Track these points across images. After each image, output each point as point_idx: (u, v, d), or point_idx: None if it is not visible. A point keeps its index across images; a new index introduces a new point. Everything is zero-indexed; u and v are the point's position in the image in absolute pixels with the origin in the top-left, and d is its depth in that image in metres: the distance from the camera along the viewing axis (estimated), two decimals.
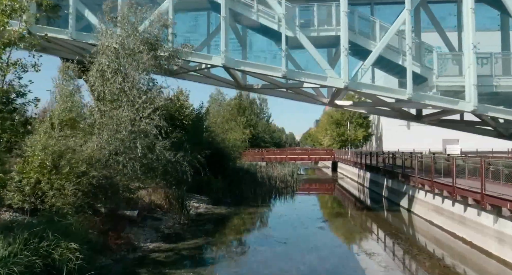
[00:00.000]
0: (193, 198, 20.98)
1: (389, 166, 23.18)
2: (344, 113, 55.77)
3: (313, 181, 40.34)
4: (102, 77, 13.29)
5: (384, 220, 17.96)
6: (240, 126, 42.72)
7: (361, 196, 27.49)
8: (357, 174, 33.68)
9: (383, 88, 15.83)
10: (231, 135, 38.13)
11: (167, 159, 14.46)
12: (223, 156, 29.06)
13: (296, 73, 15.62)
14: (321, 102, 20.89)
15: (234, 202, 21.84)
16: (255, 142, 66.36)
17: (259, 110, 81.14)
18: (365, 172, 30.09)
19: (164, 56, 14.21)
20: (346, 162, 40.85)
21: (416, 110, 20.99)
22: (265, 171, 32.64)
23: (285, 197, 25.71)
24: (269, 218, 17.31)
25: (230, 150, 34.07)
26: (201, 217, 17.34)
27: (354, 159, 34.74)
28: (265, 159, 49.59)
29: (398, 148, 46.05)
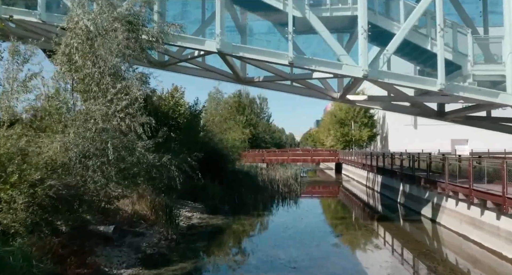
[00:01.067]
0: (186, 206, 18.48)
1: (407, 169, 20.70)
2: (348, 112, 53.31)
3: (317, 184, 37.83)
4: (69, 62, 10.79)
5: (408, 233, 15.42)
6: (240, 126, 40.26)
7: (372, 202, 24.98)
8: (366, 177, 31.19)
9: (411, 78, 13.31)
10: (230, 135, 35.70)
11: (151, 163, 11.99)
12: (220, 157, 26.60)
13: (305, 60, 13.11)
14: (330, 97, 18.41)
15: (233, 210, 19.36)
16: (255, 143, 63.88)
17: (259, 109, 78.75)
18: (375, 175, 27.60)
19: (147, 38, 11.70)
20: (352, 164, 38.37)
21: (437, 105, 18.53)
22: (266, 174, 30.12)
23: (289, 203, 23.21)
24: (272, 232, 14.83)
25: (229, 151, 31.64)
26: (193, 230, 14.83)
27: (362, 161, 32.24)
28: (265, 161, 47.09)
29: (406, 148, 43.66)
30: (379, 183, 26.38)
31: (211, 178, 23.12)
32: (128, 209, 14.49)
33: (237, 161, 36.97)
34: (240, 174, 28.91)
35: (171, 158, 12.62)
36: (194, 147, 22.42)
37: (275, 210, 20.36)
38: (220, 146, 28.85)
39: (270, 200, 23.42)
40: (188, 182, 21.20)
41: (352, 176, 38.70)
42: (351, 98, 18.13)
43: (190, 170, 13.29)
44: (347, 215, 20.25)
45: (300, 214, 18.89)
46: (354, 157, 38.77)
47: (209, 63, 18.06)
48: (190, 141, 22.05)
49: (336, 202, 26.33)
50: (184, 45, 13.79)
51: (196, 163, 13.75)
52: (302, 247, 12.18)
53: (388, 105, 18.86)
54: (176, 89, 26.24)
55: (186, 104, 25.35)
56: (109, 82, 10.44)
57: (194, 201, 19.72)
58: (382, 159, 25.59)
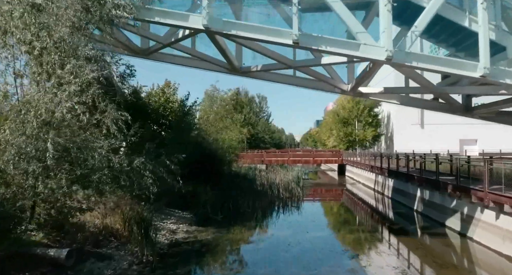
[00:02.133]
0: (172, 216, 15.90)
1: (427, 173, 18.13)
2: (352, 111, 50.82)
3: (320, 187, 35.24)
4: (4, 34, 8.22)
5: (437, 253, 12.79)
6: (237, 125, 37.65)
7: (384, 209, 22.40)
8: (374, 180, 28.61)
9: (447, 62, 10.70)
10: (227, 135, 33.10)
11: (119, 168, 9.45)
12: (215, 159, 24.02)
13: (314, 39, 10.51)
14: (339, 90, 15.83)
15: (227, 220, 16.77)
16: (254, 143, 61.30)
17: (258, 108, 76.25)
18: (385, 178, 25.01)
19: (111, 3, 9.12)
20: (358, 166, 35.78)
21: (464, 99, 15.98)
22: (265, 177, 27.54)
23: (291, 210, 20.64)
24: (272, 251, 12.22)
25: (225, 152, 29.06)
26: (176, 248, 12.23)
27: (370, 162, 29.65)
28: (265, 162, 44.51)
29: (413, 149, 41.20)
30: (391, 188, 23.79)
31: (204, 182, 20.60)
32: (99, 222, 11.94)
33: (234, 162, 34.43)
34: (236, 177, 26.34)
35: (144, 162, 10.07)
36: (184, 148, 19.89)
37: (276, 220, 17.77)
38: (215, 146, 26.29)
39: (270, 207, 20.83)
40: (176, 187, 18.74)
41: (358, 178, 36.11)
42: (364, 91, 15.56)
43: (168, 176, 10.76)
44: (358, 226, 17.64)
45: (305, 226, 16.30)
46: (359, 158, 36.19)
47: (199, 48, 15.52)
48: (181, 141, 19.51)
49: (343, 209, 23.74)
50: (163, 22, 11.19)
51: (177, 167, 11.17)
52: (311, 274, 9.59)
53: (406, 99, 16.29)
54: (168, 85, 23.78)
55: (178, 101, 22.91)
56: (56, 61, 7.84)
57: (182, 210, 17.15)
58: (395, 161, 22.97)
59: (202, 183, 20.51)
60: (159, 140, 18.10)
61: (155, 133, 19.32)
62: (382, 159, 25.44)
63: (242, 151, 46.41)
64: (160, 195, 16.69)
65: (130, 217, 12.20)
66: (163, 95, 22.40)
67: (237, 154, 33.90)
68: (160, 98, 22.05)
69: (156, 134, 19.21)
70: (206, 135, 26.78)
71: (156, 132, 19.73)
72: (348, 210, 22.99)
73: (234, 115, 38.39)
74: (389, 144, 53.64)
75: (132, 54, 16.46)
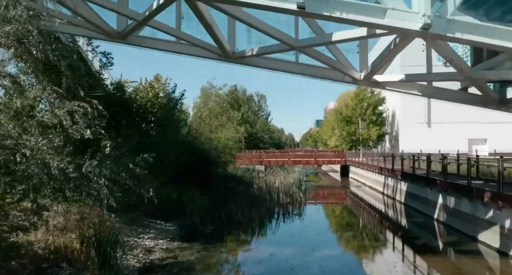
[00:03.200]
0: (151, 229, 13.36)
1: (453, 177, 15.63)
2: (355, 109, 48.32)
3: (323, 190, 32.69)
4: None
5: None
6: (234, 123, 35.08)
7: (397, 217, 19.87)
8: (383, 183, 26.07)
9: (503, 32, 8.08)
10: (222, 133, 30.60)
11: (59, 174, 6.93)
12: (207, 161, 21.53)
13: (324, 4, 7.94)
14: (350, 78, 13.27)
15: (217, 233, 14.25)
16: (252, 143, 58.79)
17: (257, 107, 73.78)
18: (397, 181, 22.46)
19: None
20: (363, 167, 33.25)
21: (498, 89, 13.43)
22: (264, 180, 25.03)
23: (292, 218, 18.11)
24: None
25: (219, 153, 26.55)
26: (149, 274, 9.68)
27: (379, 164, 27.09)
28: (263, 163, 42.05)
29: (421, 149, 38.80)
30: (404, 192, 21.25)
31: (195, 187, 18.10)
32: (51, 242, 9.39)
33: (231, 164, 31.94)
34: (232, 180, 23.83)
35: (99, 166, 7.54)
36: (170, 149, 17.40)
37: (275, 232, 15.20)
38: (208, 146, 23.79)
39: (269, 215, 18.27)
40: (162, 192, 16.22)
41: (363, 180, 33.58)
42: (381, 79, 13.02)
43: (133, 182, 8.25)
44: (373, 241, 15.04)
45: (309, 240, 13.74)
46: (365, 159, 33.65)
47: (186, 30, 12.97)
48: (165, 140, 16.99)
49: (350, 216, 21.18)
50: None
51: (144, 171, 8.65)
52: None
53: (429, 90, 13.73)
54: (158, 79, 21.31)
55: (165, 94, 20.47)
56: None
57: (166, 220, 14.63)
58: (411, 162, 20.40)
59: (192, 187, 18.03)
60: (137, 139, 15.60)
61: (140, 131, 16.83)
62: (394, 160, 22.85)
63: (239, 151, 43.92)
64: (139, 204, 14.20)
65: (90, 235, 9.64)
66: (152, 90, 20.03)
67: (233, 154, 31.42)
68: (148, 93, 19.70)
69: (142, 132, 16.73)
70: (199, 134, 24.31)
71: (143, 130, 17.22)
72: (356, 218, 20.44)
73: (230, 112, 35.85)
74: (394, 144, 51.15)
75: (108, 39, 14.00)
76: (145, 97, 19.02)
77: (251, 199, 19.65)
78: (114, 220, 11.71)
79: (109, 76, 19.67)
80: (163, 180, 17.79)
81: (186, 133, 21.69)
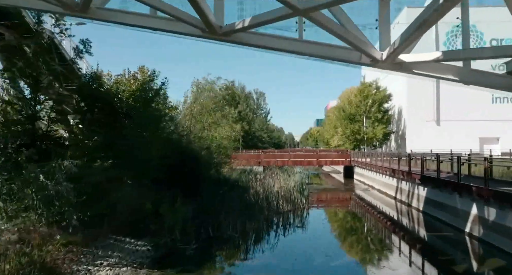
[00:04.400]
0: (115, 251, 10.46)
1: (495, 183, 12.75)
2: (359, 106, 45.49)
3: (327, 194, 29.83)
4: None
5: None
6: (229, 120, 32.16)
7: (417, 228, 17.02)
8: (395, 187, 23.20)
9: None
10: (216, 132, 27.75)
11: None
12: (197, 162, 18.68)
13: None
14: (369, 59, 10.39)
15: (201, 253, 11.40)
16: (251, 142, 55.92)
17: (255, 105, 70.92)
18: (414, 185, 19.59)
19: None
20: (371, 168, 30.38)
21: None
22: (261, 184, 22.18)
23: (293, 230, 15.27)
24: None
25: (212, 153, 23.72)
26: None
27: (391, 165, 24.18)
28: (262, 163, 39.17)
29: (430, 148, 36.10)
30: (422, 198, 18.38)
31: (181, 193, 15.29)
32: None
33: (226, 165, 29.08)
34: (225, 184, 20.95)
35: None
36: (150, 148, 14.55)
37: (273, 253, 12.30)
38: (198, 145, 20.94)
39: (266, 227, 15.41)
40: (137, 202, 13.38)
41: (371, 183, 30.73)
42: (408, 59, 10.13)
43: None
44: (396, 262, 12.16)
45: (316, 263, 10.87)
46: (372, 159, 30.75)
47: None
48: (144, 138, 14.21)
49: (363, 228, 18.25)
50: None
51: (69, 184, 5.80)
52: None
53: (467, 74, 10.84)
54: (142, 71, 18.65)
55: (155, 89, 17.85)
56: None
57: (138, 237, 11.75)
58: (429, 164, 17.53)
59: (177, 194, 15.20)
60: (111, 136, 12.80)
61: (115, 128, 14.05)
62: (410, 161, 19.88)
63: (236, 151, 41.05)
64: (105, 217, 11.36)
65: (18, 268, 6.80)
66: (135, 82, 17.34)
67: (228, 155, 28.56)
68: (131, 86, 17.02)
69: (116, 130, 13.93)
70: (188, 132, 21.47)
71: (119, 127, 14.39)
72: (370, 231, 17.50)
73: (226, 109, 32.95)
74: (400, 143, 48.31)
75: (66, 12, 11.23)
76: (128, 91, 16.35)
77: (246, 207, 16.80)
78: (60, 242, 8.89)
79: (88, 66, 16.95)
80: (145, 185, 15.01)
81: (172, 131, 18.83)
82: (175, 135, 18.98)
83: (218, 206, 15.68)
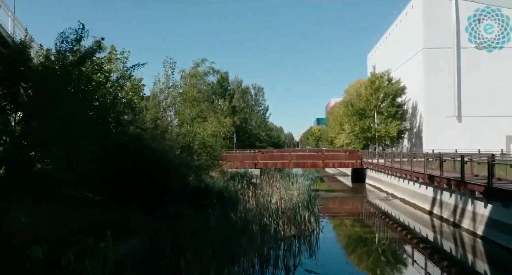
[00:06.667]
0: None
1: None
2: (370, 100, 39.88)
3: (337, 204, 24.33)
4: None
5: None
6: (217, 112, 26.49)
7: (480, 264, 11.47)
8: (430, 197, 17.69)
9: None
10: (201, 128, 22.21)
11: None
12: (160, 168, 13.12)
13: None
14: None
15: None
16: (247, 141, 50.34)
17: (253, 101, 65.35)
18: (468, 199, 14.06)
19: None
20: (391, 171, 24.86)
21: None
22: (255, 195, 16.65)
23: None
24: None
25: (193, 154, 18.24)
26: None
27: (423, 169, 18.57)
28: (258, 165, 33.62)
29: (450, 148, 30.66)
30: (485, 219, 12.84)
31: (129, 216, 9.83)
32: None
33: (215, 168, 23.54)
34: (205, 197, 15.44)
35: None
36: (82, 144, 9.07)
37: None
38: (169, 144, 15.42)
39: (260, 265, 9.87)
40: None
41: (390, 190, 25.22)
42: None
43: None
44: None
45: None
46: (392, 160, 25.17)
47: None
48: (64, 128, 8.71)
49: (406, 264, 12.64)
50: None
51: None
52: None
53: None
54: (99, 45, 13.11)
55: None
56: None
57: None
58: (476, 169, 11.94)
59: (123, 216, 9.74)
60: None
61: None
62: (463, 165, 14.17)
63: (230, 150, 35.56)
64: None
65: None
66: (92, 64, 11.97)
67: (216, 156, 22.97)
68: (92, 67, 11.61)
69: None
70: (154, 126, 15.93)
71: None
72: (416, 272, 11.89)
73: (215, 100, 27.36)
74: (416, 142, 42.80)
75: None
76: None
77: (231, 233, 11.27)
78: None
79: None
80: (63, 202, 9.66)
81: (128, 122, 13.26)
82: (132, 130, 13.42)
83: (186, 236, 10.13)
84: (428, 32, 40.16)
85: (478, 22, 40.79)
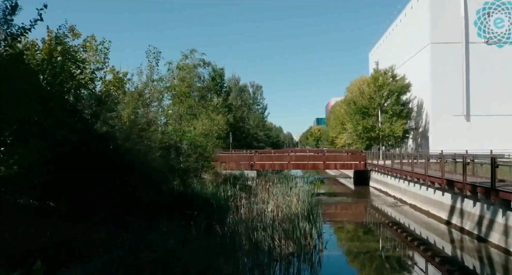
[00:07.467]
0: None
1: None
2: (374, 98, 37.69)
3: (341, 209, 22.17)
4: None
5: None
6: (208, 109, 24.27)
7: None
8: (448, 205, 15.52)
9: None
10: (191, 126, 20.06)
11: None
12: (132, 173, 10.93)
13: None
14: None
15: None
16: (244, 141, 48.12)
17: (251, 99, 63.15)
18: (499, 210, 11.88)
19: None
20: (399, 175, 22.68)
21: None
22: (248, 204, 14.49)
23: None
24: None
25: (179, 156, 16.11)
26: None
27: (441, 174, 16.36)
28: (255, 167, 31.43)
29: (459, 149, 28.36)
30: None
31: (85, 235, 7.60)
32: None
33: (208, 170, 21.39)
34: (189, 206, 13.26)
35: None
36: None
37: None
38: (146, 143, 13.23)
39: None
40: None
41: (398, 195, 23.05)
42: None
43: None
44: None
45: None
46: (400, 162, 22.98)
47: None
48: None
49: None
50: None
51: None
52: None
53: None
54: (72, 31, 11.02)
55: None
56: None
57: None
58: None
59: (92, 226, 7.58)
60: None
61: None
62: (494, 171, 11.93)
63: (225, 150, 33.39)
64: None
65: None
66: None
67: (208, 157, 20.75)
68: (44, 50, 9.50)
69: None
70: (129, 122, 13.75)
71: None
72: None
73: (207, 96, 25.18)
74: (421, 142, 40.65)
75: None
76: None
77: (217, 252, 9.09)
78: None
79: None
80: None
81: (91, 114, 11.07)
82: (101, 125, 11.23)
83: (150, 261, 7.93)
84: (434, 27, 37.95)
85: (488, 16, 38.60)
